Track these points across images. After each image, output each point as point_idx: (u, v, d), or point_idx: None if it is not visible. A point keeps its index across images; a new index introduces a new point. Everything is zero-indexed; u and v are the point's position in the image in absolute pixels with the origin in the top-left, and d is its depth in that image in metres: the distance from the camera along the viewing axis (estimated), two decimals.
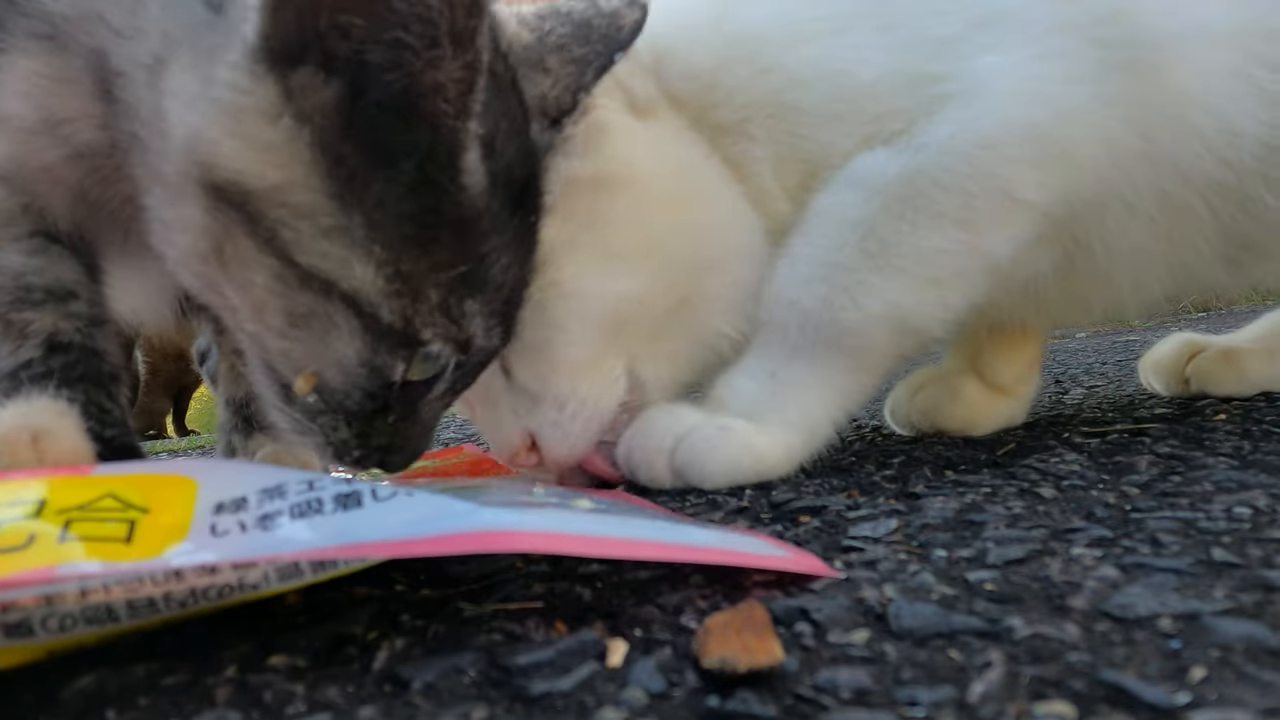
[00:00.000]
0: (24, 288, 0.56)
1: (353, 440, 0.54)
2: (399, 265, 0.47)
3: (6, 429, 0.50)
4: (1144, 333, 2.18)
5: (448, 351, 0.52)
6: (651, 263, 0.68)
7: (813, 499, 0.61)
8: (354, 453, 0.55)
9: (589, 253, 0.66)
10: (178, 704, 0.34)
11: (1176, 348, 0.96)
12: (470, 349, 0.53)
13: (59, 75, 0.53)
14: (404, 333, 0.49)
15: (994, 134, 0.64)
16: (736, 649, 0.33)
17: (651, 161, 0.70)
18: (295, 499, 0.41)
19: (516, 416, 0.70)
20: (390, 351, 0.50)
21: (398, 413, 0.54)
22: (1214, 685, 0.29)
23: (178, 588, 0.39)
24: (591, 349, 0.69)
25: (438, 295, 0.49)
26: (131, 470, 0.44)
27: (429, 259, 0.48)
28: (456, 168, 0.47)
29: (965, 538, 0.47)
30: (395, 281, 0.48)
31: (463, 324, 0.51)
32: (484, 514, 0.41)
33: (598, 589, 0.43)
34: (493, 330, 0.54)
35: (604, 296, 0.67)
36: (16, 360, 0.55)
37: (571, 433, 0.69)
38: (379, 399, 0.52)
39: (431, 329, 0.50)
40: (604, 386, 0.70)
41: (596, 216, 0.67)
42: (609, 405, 0.70)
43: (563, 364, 0.68)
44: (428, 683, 0.34)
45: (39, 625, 0.37)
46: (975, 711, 0.29)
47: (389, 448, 0.55)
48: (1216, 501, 0.49)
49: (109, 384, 0.58)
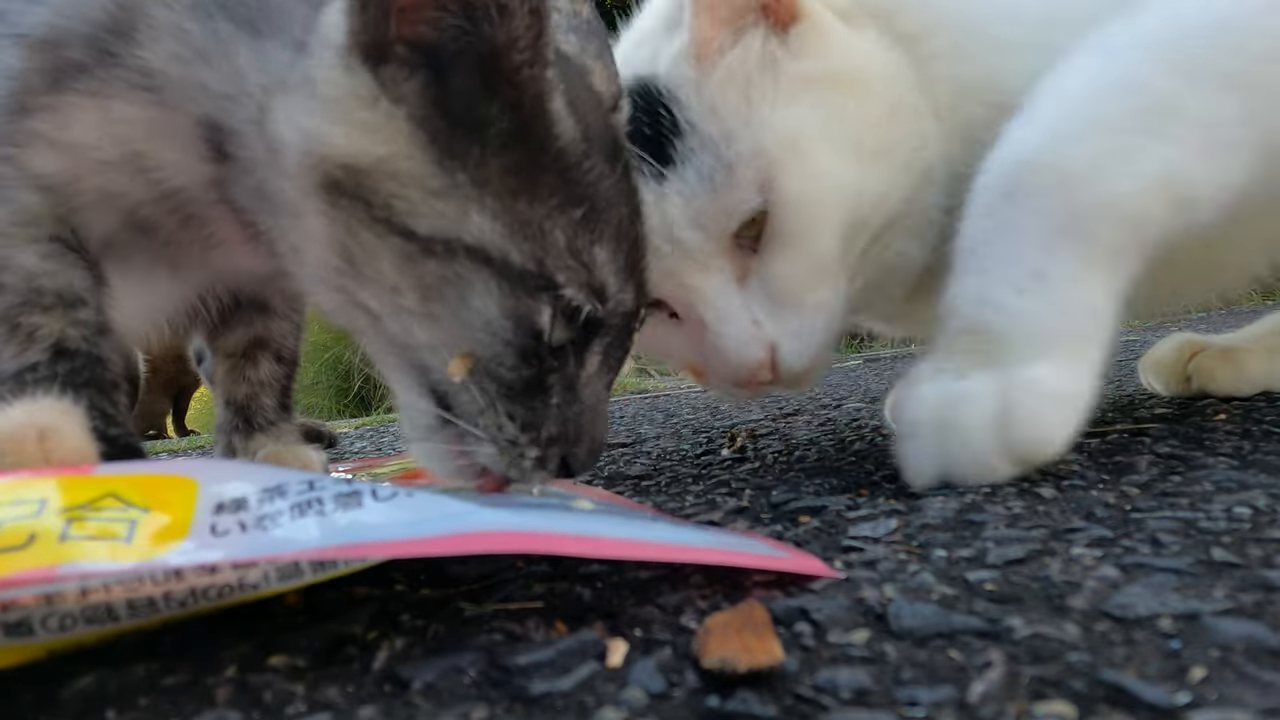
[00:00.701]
0: (35, 290, 0.57)
1: (522, 437, 0.53)
2: (515, 212, 0.50)
3: (14, 427, 0.51)
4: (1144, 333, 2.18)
5: (583, 298, 0.51)
6: (888, 164, 0.67)
7: (812, 499, 0.61)
8: (529, 453, 0.53)
9: (842, 145, 0.65)
10: (178, 704, 0.34)
11: (1177, 347, 0.96)
12: (606, 298, 0.53)
13: (159, 127, 0.56)
14: (538, 275, 0.50)
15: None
16: (736, 649, 0.33)
17: (873, 66, 0.69)
18: (296, 499, 0.41)
19: (757, 328, 0.67)
20: (530, 295, 0.50)
21: (559, 394, 0.53)
22: (1214, 685, 0.29)
23: (178, 587, 0.39)
24: (837, 247, 0.67)
25: (563, 237, 0.50)
26: (132, 470, 0.44)
27: (543, 204, 0.50)
28: (545, 113, 0.50)
29: (965, 538, 0.47)
30: (516, 227, 0.50)
31: (594, 270, 0.52)
32: (484, 514, 0.41)
33: (598, 589, 0.43)
34: (626, 285, 0.54)
35: (858, 191, 0.66)
36: (21, 363, 0.56)
37: (813, 343, 0.67)
38: (533, 363, 0.52)
39: (564, 271, 0.50)
40: (838, 295, 0.68)
41: (841, 112, 0.66)
42: (841, 316, 0.69)
43: (811, 262, 0.66)
44: (428, 683, 0.34)
45: (39, 624, 0.37)
46: (975, 711, 0.29)
47: (565, 438, 0.53)
48: (1216, 501, 0.49)
49: (111, 391, 0.58)
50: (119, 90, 0.56)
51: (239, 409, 0.81)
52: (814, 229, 0.66)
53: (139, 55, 0.55)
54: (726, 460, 0.87)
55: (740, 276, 0.68)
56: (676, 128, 0.67)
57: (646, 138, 0.67)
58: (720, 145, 0.66)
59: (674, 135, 0.67)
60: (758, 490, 0.67)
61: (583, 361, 0.54)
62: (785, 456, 0.85)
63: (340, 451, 1.62)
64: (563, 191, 0.51)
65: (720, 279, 0.68)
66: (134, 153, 0.57)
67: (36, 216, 0.58)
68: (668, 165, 0.66)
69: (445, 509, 0.41)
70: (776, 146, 0.65)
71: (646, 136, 0.67)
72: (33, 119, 0.57)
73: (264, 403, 0.82)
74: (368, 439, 1.87)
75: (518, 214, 0.50)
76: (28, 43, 0.57)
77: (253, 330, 0.80)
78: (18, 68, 0.57)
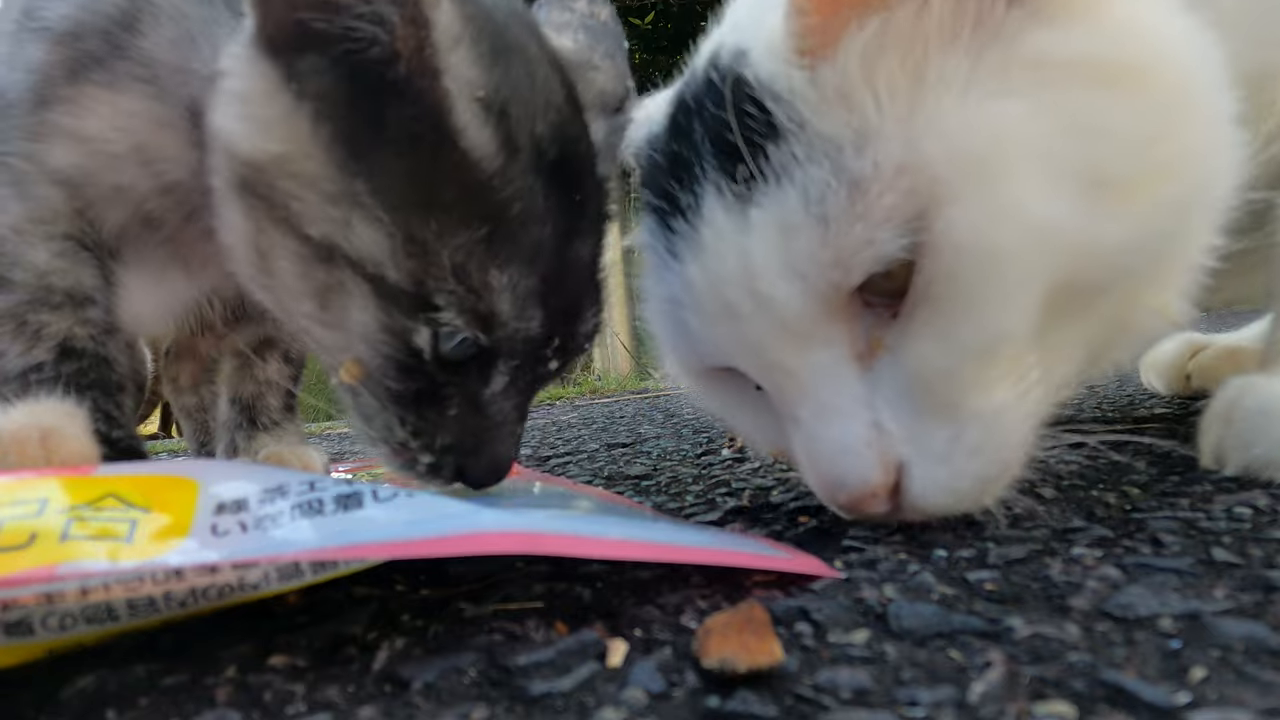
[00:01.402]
0: (45, 288, 0.57)
1: (413, 441, 0.52)
2: (408, 228, 0.48)
3: (16, 427, 0.51)
4: None
5: (463, 324, 0.49)
6: (1144, 201, 0.44)
7: (812, 499, 0.61)
8: (421, 458, 0.53)
9: (1073, 169, 0.42)
10: (178, 704, 0.34)
11: (1178, 346, 0.96)
12: (494, 326, 0.50)
13: (158, 118, 0.56)
14: (415, 295, 0.48)
15: None
16: (736, 649, 0.33)
17: (1173, 51, 0.45)
18: (296, 499, 0.41)
19: (878, 435, 0.46)
20: (406, 314, 0.49)
21: (458, 407, 0.52)
22: (1214, 685, 0.29)
23: (178, 587, 0.39)
24: (1033, 322, 0.44)
25: (451, 260, 0.48)
26: (133, 471, 0.44)
27: (437, 222, 0.48)
28: (448, 127, 0.47)
29: (965, 538, 0.47)
30: (403, 243, 0.48)
31: (484, 295, 0.49)
32: (484, 515, 0.41)
33: (598, 589, 0.43)
34: (527, 313, 0.50)
35: (1087, 241, 0.43)
36: (27, 362, 0.56)
37: (968, 472, 0.46)
38: (417, 375, 0.51)
39: (445, 295, 0.48)
40: (1024, 398, 0.46)
41: (1091, 117, 0.43)
42: (1028, 428, 0.47)
43: (984, 343, 0.44)
44: (428, 683, 0.34)
45: (39, 624, 0.37)
46: (975, 711, 0.29)
47: (462, 448, 0.52)
48: (1217, 501, 0.49)
49: (116, 393, 0.58)
50: (125, 83, 0.56)
51: (244, 407, 0.82)
52: (997, 293, 0.43)
53: (141, 46, 0.55)
54: (726, 460, 0.87)
55: (862, 353, 0.46)
56: (772, 130, 0.45)
57: (724, 147, 0.47)
58: (845, 153, 0.43)
59: (767, 140, 0.45)
60: (758, 490, 0.67)
61: (487, 379, 0.52)
62: None
63: (340, 452, 1.62)
64: (462, 209, 0.48)
65: (828, 356, 0.46)
66: (138, 144, 0.57)
67: (54, 213, 0.58)
68: (752, 184, 0.45)
69: (445, 509, 0.41)
70: (949, 159, 0.42)
71: (724, 145, 0.46)
72: (53, 111, 0.57)
73: (269, 402, 0.82)
74: None
75: (410, 231, 0.48)
76: (51, 36, 0.57)
77: (263, 329, 0.80)
78: (41, 61, 0.57)
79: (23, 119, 0.57)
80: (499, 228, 0.48)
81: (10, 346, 0.56)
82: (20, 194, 0.58)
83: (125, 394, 0.59)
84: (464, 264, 0.48)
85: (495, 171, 0.48)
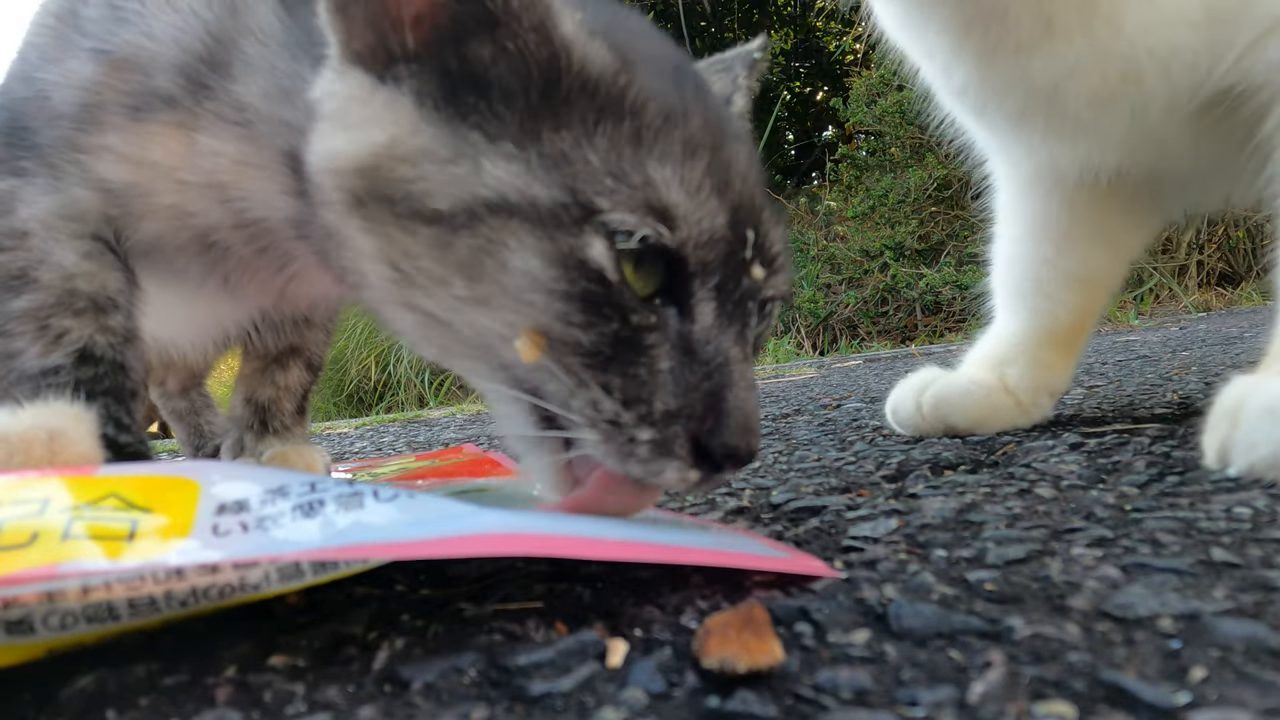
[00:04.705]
0: (70, 292, 0.57)
1: (625, 414, 0.43)
2: (536, 148, 0.44)
3: (25, 428, 0.51)
4: (1144, 333, 2.18)
5: (636, 220, 0.42)
6: None
7: (812, 499, 0.61)
8: (641, 435, 0.43)
9: None
10: (178, 704, 0.34)
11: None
12: (674, 219, 0.43)
13: (246, 159, 0.55)
14: (573, 205, 0.43)
15: None
16: (736, 649, 0.33)
17: None
18: (297, 500, 0.41)
19: None
20: (570, 231, 0.43)
21: (669, 357, 0.44)
22: (1214, 685, 0.29)
23: (179, 586, 0.39)
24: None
25: (599, 158, 0.43)
26: (135, 471, 0.44)
27: (569, 130, 0.44)
28: (552, 40, 0.45)
29: (965, 538, 0.47)
30: (539, 160, 0.44)
31: (650, 188, 0.43)
32: (485, 516, 0.41)
33: (598, 589, 0.43)
34: (707, 204, 0.44)
35: None
36: (44, 364, 0.56)
37: None
38: (607, 312, 0.43)
39: (606, 195, 0.43)
40: None
41: None
42: None
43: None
44: (428, 683, 0.34)
45: (40, 622, 0.37)
46: (975, 711, 0.29)
47: (690, 412, 0.43)
48: (1216, 501, 0.49)
49: (129, 399, 0.58)
50: (208, 123, 0.55)
51: (258, 409, 0.82)
52: None
53: (232, 90, 0.54)
54: None
55: None
56: None
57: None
58: None
59: None
60: (758, 490, 0.67)
61: (690, 313, 0.45)
62: (785, 456, 0.85)
63: (341, 452, 1.62)
64: (593, 114, 0.44)
65: None
66: (219, 182, 0.56)
67: (84, 212, 0.58)
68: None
69: (446, 511, 0.41)
70: None
71: None
72: (106, 135, 0.56)
73: (284, 407, 0.83)
74: (368, 439, 1.87)
75: (539, 149, 0.44)
76: (109, 59, 0.56)
77: (289, 338, 0.80)
78: (93, 80, 0.56)
79: (70, 131, 0.57)
80: (641, 125, 0.44)
81: (29, 348, 0.56)
82: (53, 188, 0.57)
83: (137, 400, 0.59)
84: (616, 161, 0.43)
85: (616, 73, 0.45)
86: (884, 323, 3.99)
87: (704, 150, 0.45)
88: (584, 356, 0.44)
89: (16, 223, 0.57)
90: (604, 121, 0.44)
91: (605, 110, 0.44)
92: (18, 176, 0.58)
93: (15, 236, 0.57)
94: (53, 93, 0.57)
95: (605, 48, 0.46)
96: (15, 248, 0.57)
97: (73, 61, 0.57)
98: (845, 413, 1.20)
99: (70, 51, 0.57)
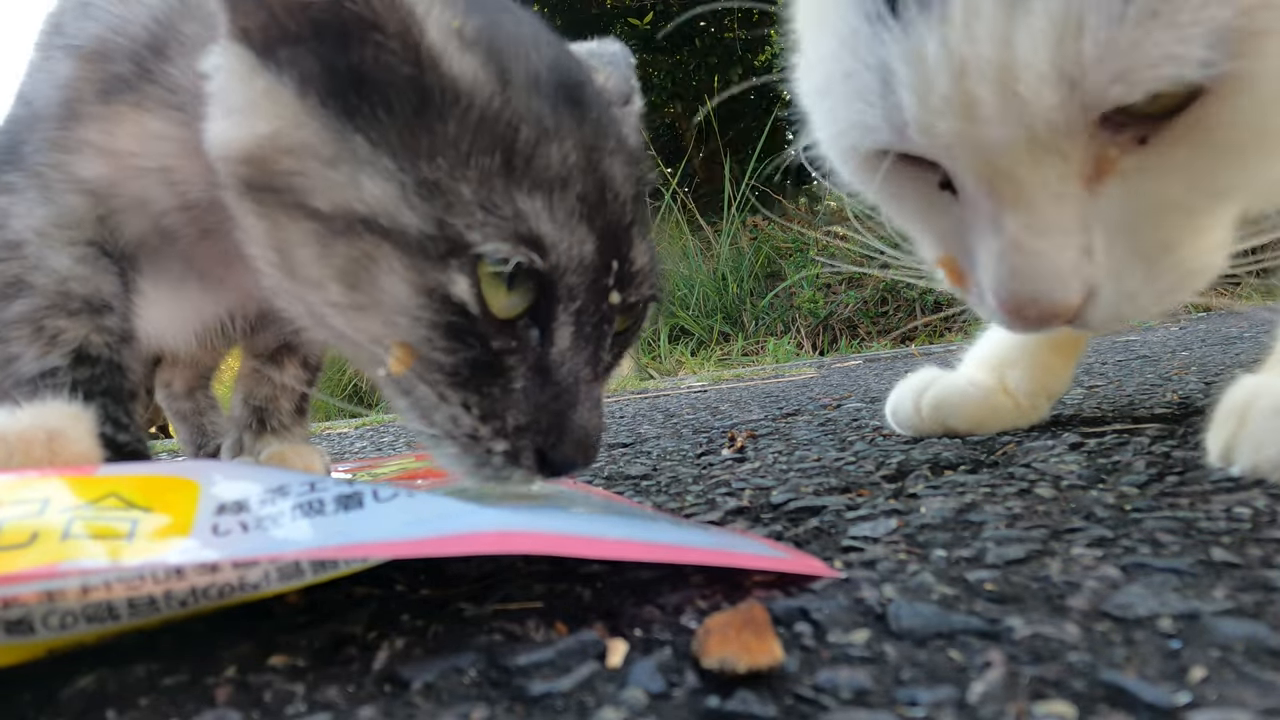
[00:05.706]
0: (64, 294, 0.57)
1: (483, 429, 0.47)
2: (416, 171, 0.45)
3: (23, 428, 0.51)
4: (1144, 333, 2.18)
5: (510, 249, 0.44)
6: None
7: (812, 499, 0.61)
8: (495, 447, 0.47)
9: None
10: (178, 704, 0.34)
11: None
12: (543, 248, 0.45)
13: (183, 141, 0.55)
14: (441, 239, 0.44)
15: None
16: (736, 649, 0.33)
17: None
18: (297, 499, 0.41)
19: (1084, 260, 0.44)
20: (437, 266, 0.45)
21: (524, 377, 0.47)
22: (1214, 685, 0.29)
23: (179, 586, 0.39)
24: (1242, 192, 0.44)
25: (471, 190, 0.45)
26: (135, 471, 0.45)
27: (445, 158, 0.45)
28: (418, 40, 0.45)
29: (965, 538, 0.47)
30: (415, 187, 0.45)
31: (520, 219, 0.45)
32: (484, 515, 0.41)
33: (598, 589, 0.43)
34: (576, 233, 0.46)
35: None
36: (42, 366, 0.56)
37: (1145, 306, 0.47)
38: (469, 339, 0.46)
39: (478, 229, 0.44)
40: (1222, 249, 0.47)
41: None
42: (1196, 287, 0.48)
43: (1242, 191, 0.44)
44: (428, 683, 0.34)
45: (40, 622, 0.37)
46: (975, 712, 0.29)
47: (537, 427, 0.47)
48: (1216, 501, 0.49)
49: (127, 400, 0.59)
50: (153, 106, 0.56)
51: (256, 409, 0.82)
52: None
53: (169, 73, 0.55)
54: (726, 460, 0.87)
55: (1090, 174, 0.43)
56: None
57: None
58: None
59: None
60: (758, 490, 0.67)
61: (550, 336, 0.47)
62: (785, 456, 0.85)
63: (341, 452, 1.62)
64: (466, 140, 0.45)
65: (1058, 172, 0.43)
66: (165, 165, 0.57)
67: (79, 219, 0.58)
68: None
69: (445, 510, 0.41)
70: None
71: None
72: (84, 127, 0.57)
73: (282, 405, 0.83)
74: (368, 439, 1.87)
75: (420, 174, 0.45)
76: (80, 53, 0.57)
77: (284, 335, 0.80)
78: (70, 77, 0.57)
79: (53, 131, 0.58)
80: (514, 151, 0.46)
81: (26, 351, 0.56)
82: (46, 199, 0.58)
83: (136, 400, 0.60)
84: (486, 191, 0.45)
85: (490, 96, 0.46)
86: (884, 323, 3.99)
87: (577, 174, 0.47)
88: (447, 375, 0.47)
89: (10, 234, 0.58)
90: (476, 147, 0.45)
91: (478, 133, 0.46)
92: (10, 193, 0.59)
93: (10, 248, 0.58)
94: (36, 99, 0.59)
95: (478, 62, 0.46)
96: (10, 258, 0.58)
97: (53, 64, 0.58)
98: (845, 413, 1.20)
99: (51, 58, 0.59)
